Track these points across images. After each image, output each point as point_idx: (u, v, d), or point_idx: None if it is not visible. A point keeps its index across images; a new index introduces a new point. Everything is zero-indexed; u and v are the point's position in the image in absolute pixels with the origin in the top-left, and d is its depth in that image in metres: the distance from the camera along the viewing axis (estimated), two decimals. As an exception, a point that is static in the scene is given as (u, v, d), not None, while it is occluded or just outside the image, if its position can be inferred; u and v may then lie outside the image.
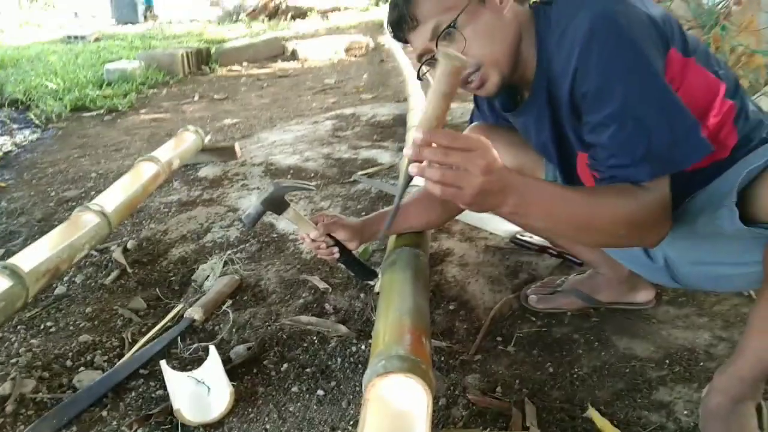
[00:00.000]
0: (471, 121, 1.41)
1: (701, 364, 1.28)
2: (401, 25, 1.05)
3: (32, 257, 1.60)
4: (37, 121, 4.29)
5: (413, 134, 0.84)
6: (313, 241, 1.38)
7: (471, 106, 1.42)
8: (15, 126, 4.27)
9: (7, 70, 6.17)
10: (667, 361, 1.29)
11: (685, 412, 1.15)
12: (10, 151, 3.58)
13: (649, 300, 1.47)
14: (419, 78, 1.13)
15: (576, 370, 1.29)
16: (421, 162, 0.83)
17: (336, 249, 1.40)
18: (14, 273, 1.49)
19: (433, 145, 0.82)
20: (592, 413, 1.15)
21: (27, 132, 4.11)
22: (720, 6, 1.91)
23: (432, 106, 0.84)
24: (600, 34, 0.93)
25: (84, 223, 1.85)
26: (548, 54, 1.04)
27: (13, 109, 4.80)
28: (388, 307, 1.22)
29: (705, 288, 1.30)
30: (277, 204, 1.32)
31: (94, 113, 4.50)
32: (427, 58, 1.08)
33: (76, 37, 9.37)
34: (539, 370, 1.30)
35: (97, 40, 9.23)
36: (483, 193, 0.84)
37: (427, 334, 1.17)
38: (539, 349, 1.37)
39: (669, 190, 0.98)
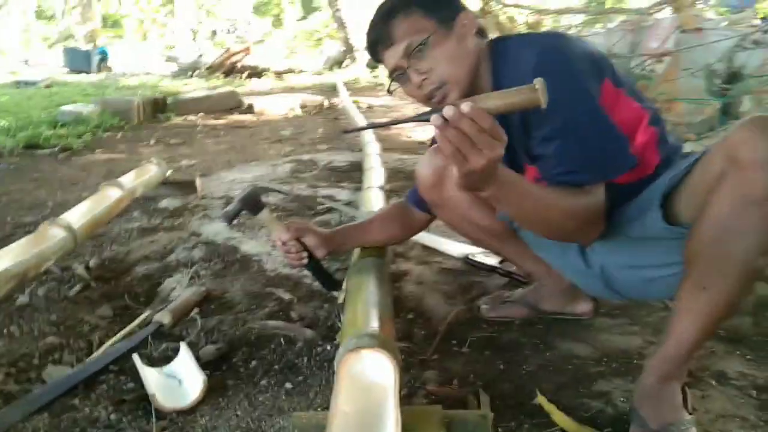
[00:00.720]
0: (433, 142, 1.58)
1: (635, 362, 1.43)
2: (378, 44, 1.24)
3: (2, 261, 1.64)
4: (-12, 157, 4.24)
5: (464, 103, 0.91)
6: (284, 244, 1.48)
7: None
8: (-35, 161, 4.22)
9: (-45, 108, 6.08)
10: (605, 360, 1.44)
11: (622, 399, 1.29)
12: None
13: (588, 311, 1.62)
14: (389, 92, 1.30)
15: (524, 367, 1.42)
16: (448, 124, 0.91)
17: (305, 254, 1.50)
18: (-15, 272, 1.53)
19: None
20: (540, 399, 1.27)
21: (-22, 166, 4.06)
22: (647, 63, 2.20)
23: (497, 101, 0.93)
24: (547, 64, 1.13)
25: (51, 235, 1.89)
26: (502, 80, 1.23)
27: (-37, 145, 4.73)
28: (356, 301, 1.33)
29: (636, 295, 1.46)
30: (253, 204, 1.43)
31: (48, 151, 4.48)
32: (397, 74, 1.25)
33: (26, 83, 9.33)
34: (491, 367, 1.42)
35: (48, 86, 9.19)
36: (478, 173, 0.96)
37: (392, 323, 1.28)
38: (491, 350, 1.49)
39: (603, 196, 1.16)
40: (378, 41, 1.24)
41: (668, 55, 2.13)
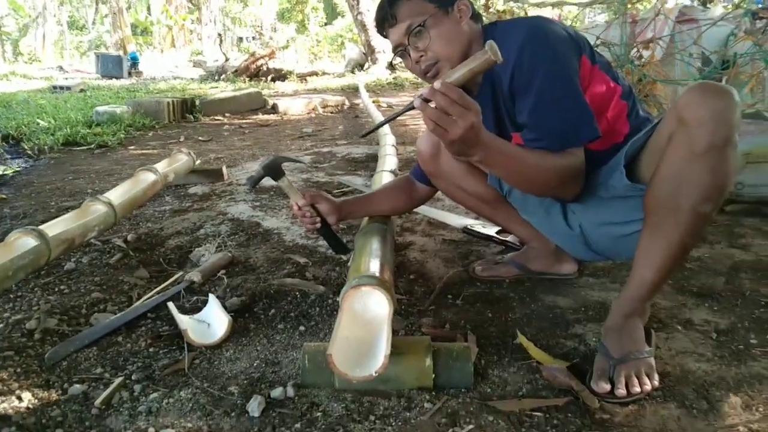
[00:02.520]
0: None
1: (608, 310, 1.59)
2: (384, 22, 1.45)
3: (54, 227, 1.87)
4: (30, 152, 4.55)
5: (435, 82, 1.11)
6: (299, 209, 1.69)
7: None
8: (8, 156, 4.52)
9: (-2, 110, 6.45)
10: (583, 309, 1.61)
11: (594, 339, 1.46)
12: (6, 175, 3.82)
13: (572, 271, 1.79)
14: (391, 66, 1.50)
15: (510, 315, 1.59)
16: (429, 102, 1.11)
17: (318, 219, 1.70)
18: (41, 235, 1.76)
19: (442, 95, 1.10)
20: (521, 338, 1.44)
21: (20, 161, 4.36)
22: (633, 50, 2.37)
23: (460, 72, 1.11)
24: (531, 42, 1.32)
25: (94, 210, 2.12)
26: None
27: (5, 143, 5.05)
28: (361, 255, 1.53)
29: (613, 254, 1.62)
30: (274, 170, 1.63)
31: (85, 148, 4.78)
32: (399, 50, 1.46)
33: (61, 88, 9.74)
34: (480, 315, 1.60)
35: (82, 91, 9.58)
36: (460, 141, 1.14)
37: (392, 271, 1.47)
38: (481, 303, 1.67)
39: (582, 158, 1.34)
40: (384, 20, 1.45)
41: (653, 41, 2.28)
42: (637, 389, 1.20)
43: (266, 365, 1.37)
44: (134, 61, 13.62)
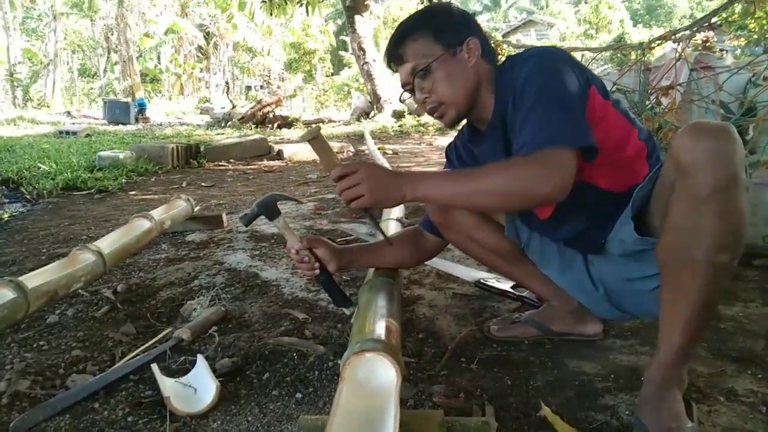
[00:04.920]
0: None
1: (642, 379, 1.43)
2: (392, 61, 1.39)
3: (35, 278, 1.74)
4: (28, 197, 4.46)
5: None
6: (297, 253, 1.55)
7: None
8: (6, 200, 4.43)
9: (1, 153, 6.41)
10: (612, 376, 1.45)
11: (627, 412, 1.29)
12: (1, 219, 3.71)
13: (597, 333, 1.63)
14: (401, 101, 1.42)
15: (531, 383, 1.43)
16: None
17: (317, 265, 1.57)
18: (19, 287, 1.62)
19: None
20: (545, 410, 1.28)
21: (18, 205, 4.27)
22: (651, 95, 2.27)
23: (324, 162, 1.38)
24: (533, 60, 1.26)
25: (82, 259, 1.99)
26: (499, 91, 1.34)
27: (5, 187, 4.97)
28: (365, 314, 1.38)
29: (637, 311, 1.46)
30: (269, 209, 1.52)
31: (85, 192, 4.69)
32: (407, 87, 1.39)
33: (67, 132, 9.76)
34: (498, 382, 1.44)
35: (87, 136, 9.60)
36: (376, 192, 1.23)
37: (399, 333, 1.32)
38: (498, 367, 1.51)
39: (564, 162, 1.17)
40: (392, 59, 1.39)
41: (673, 88, 2.19)
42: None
43: (257, 440, 1.21)
44: (142, 108, 13.74)
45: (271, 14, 10.62)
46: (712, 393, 1.36)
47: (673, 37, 2.14)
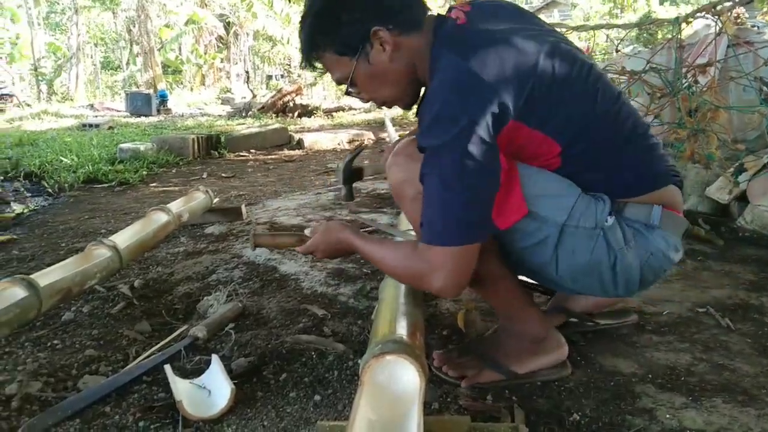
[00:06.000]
0: None
1: (683, 378, 1.34)
2: (311, 67, 1.30)
3: (48, 276, 1.69)
4: (50, 190, 4.46)
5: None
6: None
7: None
8: (28, 194, 4.44)
9: (24, 147, 6.45)
10: (650, 376, 1.35)
11: (668, 416, 1.20)
12: (22, 213, 3.71)
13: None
14: (347, 94, 1.31)
15: (563, 383, 1.35)
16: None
17: None
18: (30, 285, 1.58)
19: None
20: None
21: (40, 199, 4.27)
22: (688, 74, 2.14)
23: (284, 247, 1.72)
24: (436, 105, 1.10)
25: (97, 255, 1.95)
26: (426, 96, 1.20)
27: (28, 181, 4.99)
28: (386, 311, 1.31)
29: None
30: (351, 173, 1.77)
31: (106, 185, 4.68)
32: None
33: (90, 125, 9.80)
34: (527, 383, 1.36)
35: (110, 128, 9.64)
36: (329, 255, 1.46)
37: (422, 331, 1.24)
38: (528, 366, 1.43)
39: (453, 259, 1.12)
40: (310, 66, 1.28)
41: (712, 65, 2.06)
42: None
43: (274, 446, 1.15)
44: (163, 99, 13.76)
45: (290, 1, 10.53)
46: (760, 395, 1.27)
47: (713, 9, 2.00)
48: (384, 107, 1.33)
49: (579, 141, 1.19)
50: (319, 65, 1.28)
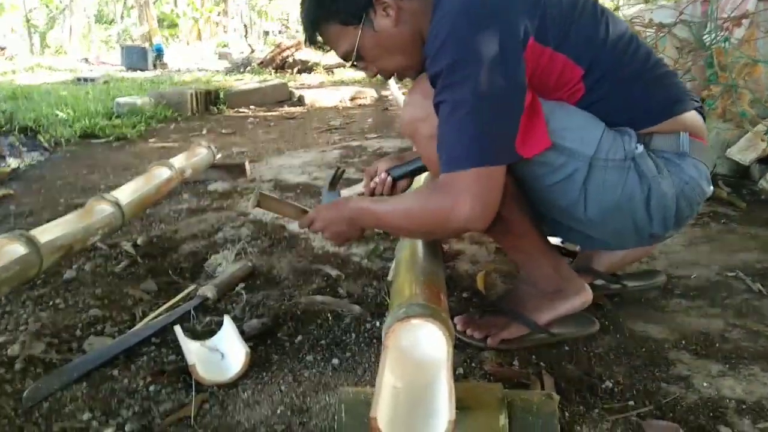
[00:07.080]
0: None
1: (717, 345, 1.28)
2: (314, 44, 1.26)
3: (49, 232, 1.61)
4: (46, 145, 4.34)
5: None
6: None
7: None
8: (24, 149, 4.32)
9: (19, 101, 6.28)
10: (683, 342, 1.30)
11: (705, 384, 1.15)
12: (18, 168, 3.61)
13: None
14: (352, 66, 1.27)
15: (592, 348, 1.29)
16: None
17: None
18: (30, 242, 1.50)
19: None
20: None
21: (36, 154, 4.16)
22: (723, 25, 2.02)
23: (283, 215, 1.51)
24: (448, 18, 1.05)
25: (99, 210, 1.87)
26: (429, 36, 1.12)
27: (23, 135, 4.86)
28: (407, 271, 1.24)
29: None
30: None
31: (103, 140, 4.56)
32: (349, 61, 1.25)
33: (85, 79, 9.57)
34: (555, 348, 1.30)
35: (105, 82, 9.42)
36: (335, 236, 1.29)
37: (445, 293, 1.17)
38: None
39: (476, 183, 1.03)
40: (313, 42, 1.25)
41: (747, 17, 1.94)
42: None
43: (292, 413, 1.09)
44: (159, 53, 13.43)
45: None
46: (799, 363, 1.21)
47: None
48: (393, 80, 1.25)
49: (599, 63, 1.13)
50: (323, 43, 1.25)
